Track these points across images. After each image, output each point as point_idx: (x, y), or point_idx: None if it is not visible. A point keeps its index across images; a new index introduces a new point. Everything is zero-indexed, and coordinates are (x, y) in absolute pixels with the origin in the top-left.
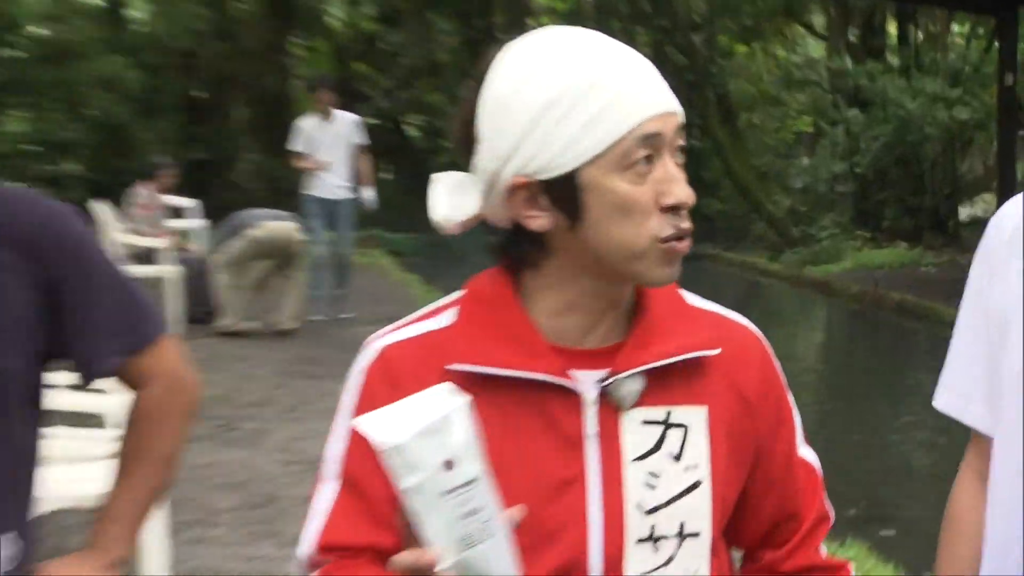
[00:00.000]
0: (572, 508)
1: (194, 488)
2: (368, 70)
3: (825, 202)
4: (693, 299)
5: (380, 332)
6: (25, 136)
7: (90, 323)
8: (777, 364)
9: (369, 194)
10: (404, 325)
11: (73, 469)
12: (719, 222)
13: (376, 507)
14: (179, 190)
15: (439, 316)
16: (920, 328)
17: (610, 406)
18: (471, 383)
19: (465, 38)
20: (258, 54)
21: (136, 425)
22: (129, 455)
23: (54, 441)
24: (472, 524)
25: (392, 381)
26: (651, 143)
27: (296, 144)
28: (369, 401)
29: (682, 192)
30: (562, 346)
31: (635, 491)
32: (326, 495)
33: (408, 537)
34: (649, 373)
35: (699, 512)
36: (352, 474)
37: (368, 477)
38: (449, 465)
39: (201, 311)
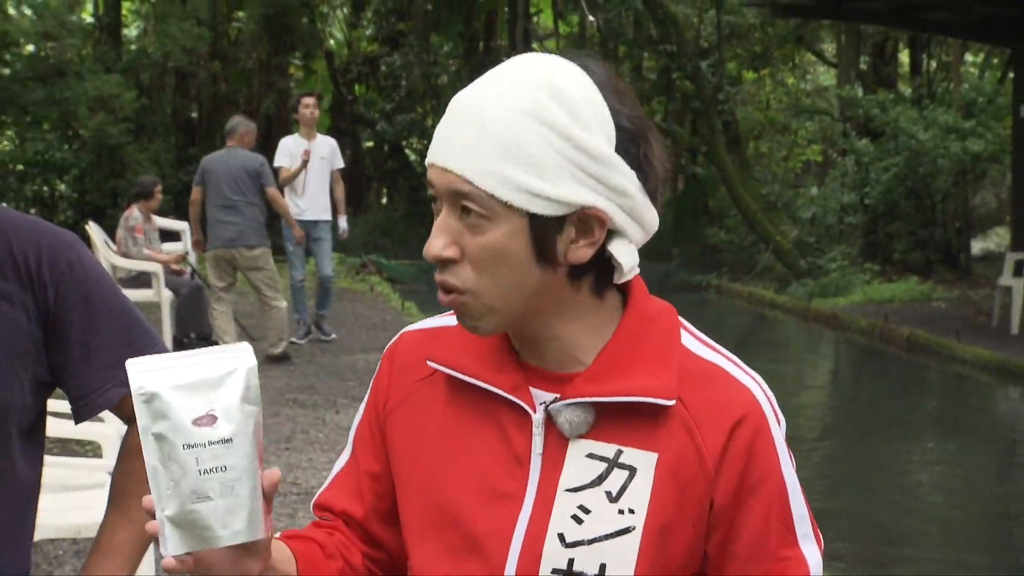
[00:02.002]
0: (502, 523)
1: None
2: (368, 93)
3: (834, 233)
4: (693, 343)
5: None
6: (16, 156)
7: (91, 354)
8: (775, 432)
9: (343, 223)
10: (437, 317)
11: (66, 497)
12: (725, 253)
13: (359, 479)
14: (172, 212)
15: None
16: (930, 364)
17: (560, 431)
18: (447, 382)
19: (467, 61)
20: (254, 75)
21: (137, 457)
22: (129, 488)
23: (47, 469)
24: (213, 480)
25: (392, 363)
26: (434, 189)
27: (280, 161)
28: (377, 380)
29: (427, 245)
30: (532, 364)
31: (560, 521)
32: (340, 460)
33: (375, 510)
34: (601, 408)
35: (624, 558)
36: (355, 445)
37: (361, 450)
38: (210, 420)
39: (192, 336)
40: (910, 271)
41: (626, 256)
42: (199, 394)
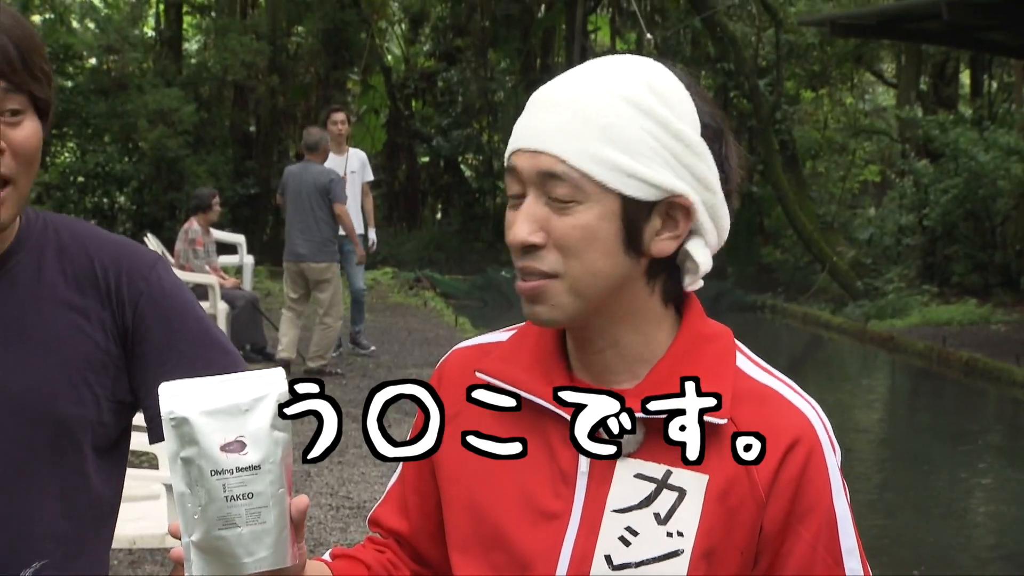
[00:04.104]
0: (548, 543)
1: None
2: (425, 108)
3: (891, 255)
4: (749, 365)
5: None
6: (77, 168)
7: (168, 375)
8: (828, 460)
9: (372, 235)
10: (488, 334)
11: (122, 508)
12: (780, 272)
13: (406, 496)
14: (228, 224)
15: (508, 331)
16: (989, 388)
17: None
18: (499, 395)
19: (524, 77)
20: (312, 89)
21: None
22: None
23: None
24: (239, 507)
25: (439, 380)
26: (517, 177)
27: None
28: None
29: (511, 232)
30: (583, 379)
31: (607, 542)
32: (393, 476)
33: (423, 528)
34: (651, 426)
35: None
36: (403, 462)
37: (408, 468)
38: (238, 447)
39: (247, 347)
40: (969, 294)
41: (702, 256)
42: (229, 420)
